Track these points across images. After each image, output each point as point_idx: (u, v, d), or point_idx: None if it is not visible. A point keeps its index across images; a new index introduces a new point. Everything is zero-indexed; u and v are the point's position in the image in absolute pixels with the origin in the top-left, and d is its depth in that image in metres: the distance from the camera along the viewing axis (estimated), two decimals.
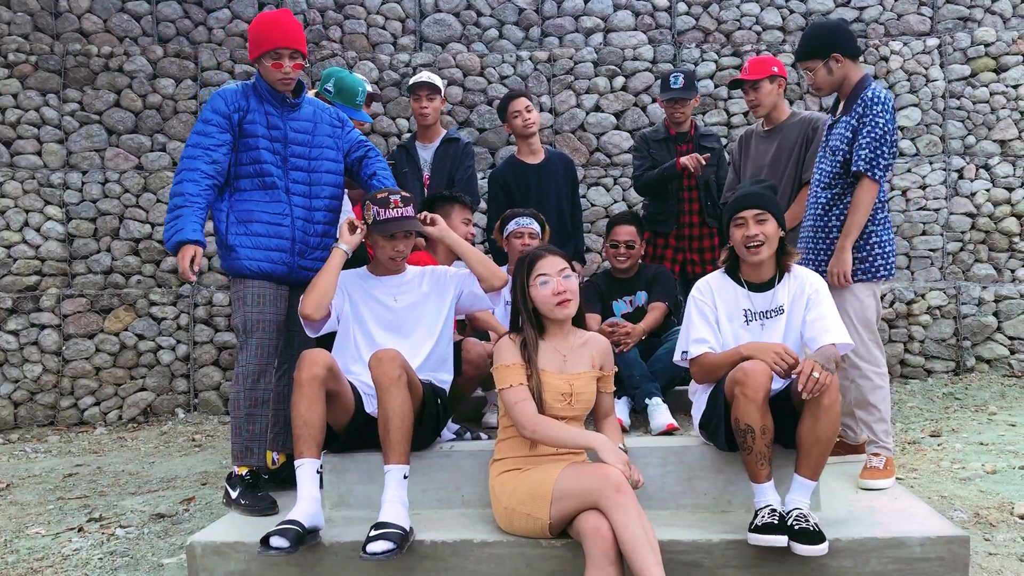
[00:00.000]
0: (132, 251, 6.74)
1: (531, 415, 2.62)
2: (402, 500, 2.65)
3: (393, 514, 2.59)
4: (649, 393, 3.59)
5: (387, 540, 2.48)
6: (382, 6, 7.45)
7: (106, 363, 6.41)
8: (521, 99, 4.39)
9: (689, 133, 4.63)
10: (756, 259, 2.87)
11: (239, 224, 3.23)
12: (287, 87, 3.25)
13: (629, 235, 4.15)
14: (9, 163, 6.77)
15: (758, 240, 2.84)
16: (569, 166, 4.61)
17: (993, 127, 7.00)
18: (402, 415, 2.70)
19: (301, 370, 2.71)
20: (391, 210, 3.03)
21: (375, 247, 3.14)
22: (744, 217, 2.86)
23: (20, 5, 7.12)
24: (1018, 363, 6.54)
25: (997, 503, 3.46)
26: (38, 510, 3.96)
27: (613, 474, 2.43)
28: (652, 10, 7.45)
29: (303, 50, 3.27)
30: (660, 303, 4.06)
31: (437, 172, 4.47)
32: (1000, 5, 7.33)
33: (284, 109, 3.30)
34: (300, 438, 2.69)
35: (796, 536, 2.49)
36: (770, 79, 4.03)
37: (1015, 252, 6.90)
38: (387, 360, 2.75)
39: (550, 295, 2.70)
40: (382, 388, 2.72)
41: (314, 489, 2.66)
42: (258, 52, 3.22)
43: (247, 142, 3.22)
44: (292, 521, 2.55)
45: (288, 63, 3.20)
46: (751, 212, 2.85)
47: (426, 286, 3.18)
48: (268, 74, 3.24)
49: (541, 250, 2.80)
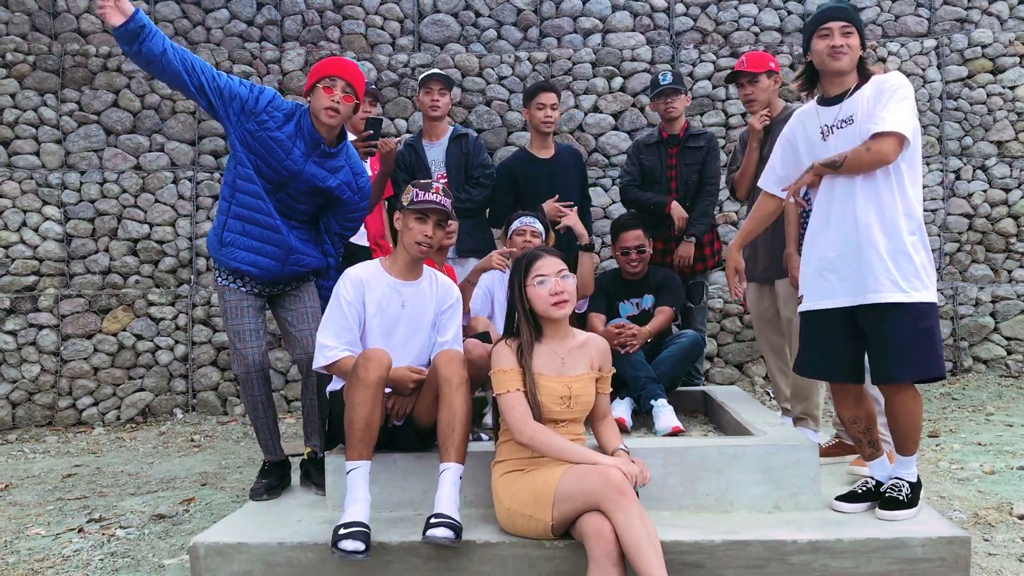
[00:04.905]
0: (130, 251, 6.73)
1: (527, 422, 2.62)
2: (455, 500, 2.67)
3: (448, 508, 2.61)
4: (654, 395, 3.60)
5: (448, 528, 2.53)
6: (380, 6, 7.45)
7: (104, 363, 6.40)
8: (550, 93, 4.39)
9: (679, 136, 4.59)
10: (837, 65, 2.82)
11: (237, 222, 3.26)
12: (331, 119, 3.18)
13: (638, 239, 4.15)
14: (7, 163, 6.76)
15: (843, 50, 2.80)
16: (579, 159, 4.63)
17: (990, 128, 7.02)
18: (468, 415, 2.75)
19: (368, 370, 2.68)
20: (431, 194, 2.99)
21: (404, 232, 3.04)
22: (830, 28, 2.82)
23: (18, 5, 7.11)
24: (1015, 363, 6.57)
25: (996, 503, 3.47)
26: (38, 511, 3.95)
27: (614, 476, 2.44)
28: (650, 11, 7.46)
29: (359, 89, 3.25)
30: (667, 307, 4.07)
31: (453, 169, 4.47)
32: (997, 7, 7.35)
33: (313, 152, 3.25)
34: (360, 440, 2.69)
35: (883, 503, 2.80)
36: (767, 74, 4.02)
37: (1012, 253, 6.92)
38: (457, 360, 2.79)
39: (547, 295, 2.70)
40: (452, 385, 2.74)
41: (367, 492, 2.70)
42: (314, 79, 3.20)
43: (259, 149, 3.20)
44: (359, 523, 2.57)
45: (339, 93, 3.17)
46: (837, 24, 2.81)
47: (430, 300, 3.11)
48: (317, 101, 3.18)
49: (539, 250, 2.79)
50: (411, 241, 3.02)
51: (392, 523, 2.85)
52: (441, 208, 3.00)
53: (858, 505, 2.87)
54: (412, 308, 3.06)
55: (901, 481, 2.84)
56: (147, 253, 6.73)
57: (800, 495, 2.90)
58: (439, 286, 3.15)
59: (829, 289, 2.86)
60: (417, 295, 3.08)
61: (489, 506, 2.84)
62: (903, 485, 2.83)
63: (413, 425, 3.00)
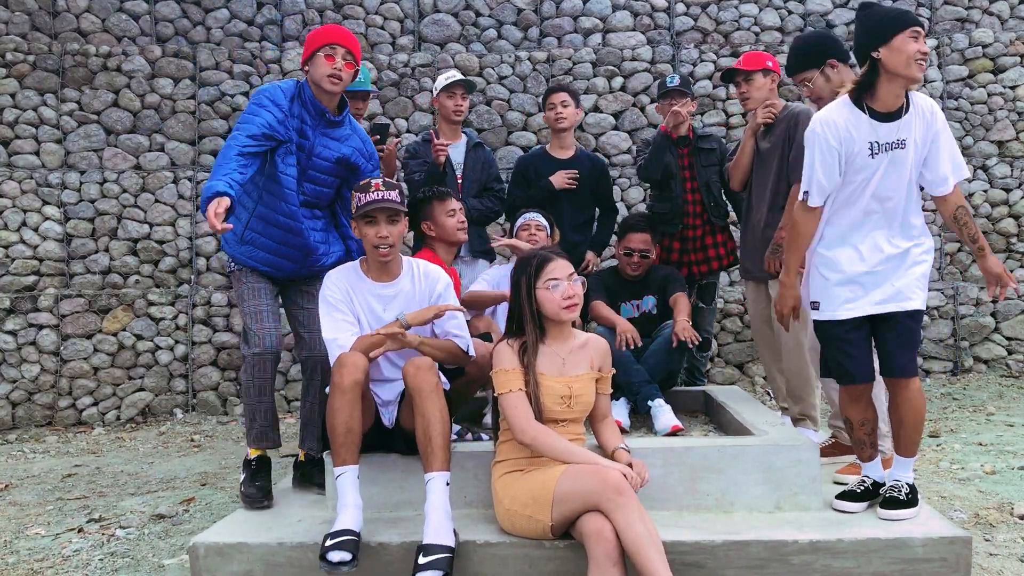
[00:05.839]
0: (130, 251, 6.73)
1: (529, 422, 2.61)
2: (447, 510, 2.61)
3: (438, 533, 2.53)
4: (650, 395, 3.59)
5: (435, 569, 2.42)
6: (381, 6, 7.45)
7: (104, 363, 6.39)
8: (559, 93, 4.48)
9: (688, 136, 4.62)
10: (920, 75, 2.71)
11: (260, 222, 3.22)
12: (334, 87, 3.15)
13: (644, 243, 4.15)
14: (7, 163, 6.76)
15: (925, 59, 2.72)
16: (596, 165, 4.64)
17: (991, 128, 7.02)
18: (443, 420, 2.69)
19: (343, 376, 2.66)
20: (371, 193, 2.90)
21: (363, 240, 3.00)
22: (919, 32, 2.69)
23: (18, 4, 7.11)
24: (1016, 363, 6.56)
25: (997, 503, 3.47)
26: (37, 511, 3.95)
27: (613, 476, 2.43)
28: (651, 11, 7.46)
29: (357, 56, 3.22)
30: (680, 293, 4.10)
31: (471, 175, 4.51)
32: (998, 6, 7.35)
33: (319, 123, 3.23)
34: (343, 445, 2.67)
35: (884, 503, 2.81)
36: (763, 72, 3.99)
37: (1013, 253, 6.92)
38: (425, 367, 2.73)
39: (560, 299, 2.69)
40: (422, 395, 2.69)
41: (357, 496, 2.67)
42: (313, 48, 3.15)
43: (288, 147, 3.17)
44: (346, 531, 2.53)
45: (340, 61, 3.13)
46: (921, 30, 2.70)
47: (417, 294, 3.05)
48: (318, 70, 3.14)
49: (549, 253, 2.76)
50: (369, 247, 2.96)
51: (392, 523, 2.84)
52: (385, 204, 2.89)
53: (859, 504, 2.88)
54: (395, 309, 2.99)
55: (900, 482, 2.86)
56: (147, 253, 6.73)
57: (801, 495, 2.89)
58: (422, 276, 3.07)
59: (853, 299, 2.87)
60: (399, 295, 3.02)
61: (489, 506, 2.84)
62: (902, 485, 2.84)
63: (402, 430, 2.98)
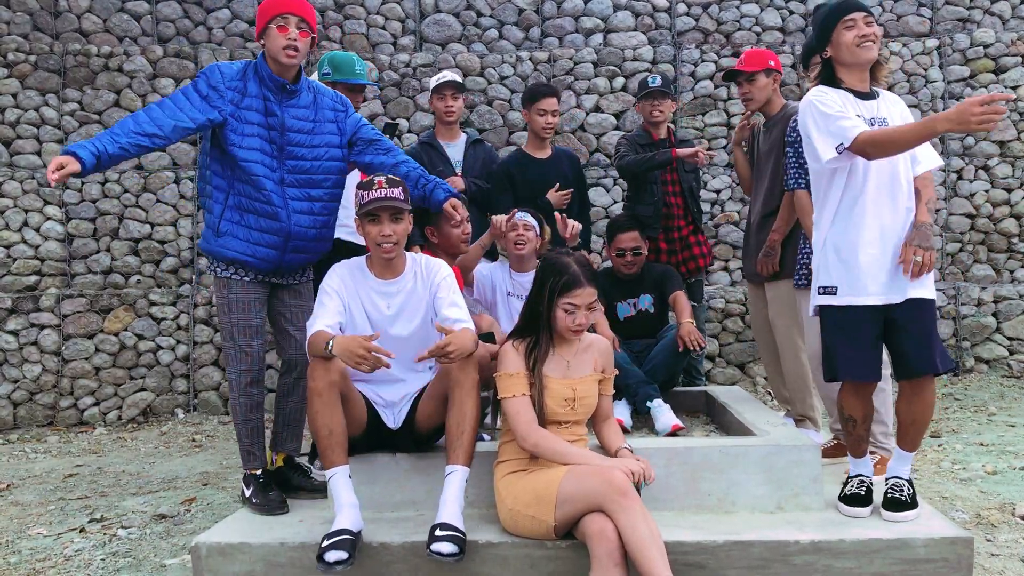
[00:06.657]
0: (132, 251, 6.73)
1: (531, 428, 2.62)
2: (461, 504, 2.64)
3: (453, 516, 2.58)
4: (649, 396, 3.60)
5: (452, 543, 2.48)
6: (382, 6, 7.45)
7: (105, 363, 6.40)
8: (551, 99, 4.42)
9: (669, 140, 4.64)
10: (869, 55, 2.79)
11: (235, 211, 3.15)
12: (291, 59, 3.09)
13: (634, 241, 4.15)
14: (8, 163, 6.76)
15: (872, 38, 2.79)
16: (575, 164, 4.63)
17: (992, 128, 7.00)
18: (476, 418, 2.72)
19: (316, 378, 2.65)
20: (374, 191, 2.87)
21: (366, 238, 2.97)
22: (854, 19, 2.80)
23: (19, 5, 7.12)
24: (1017, 364, 6.56)
25: (998, 504, 3.47)
26: (39, 511, 3.95)
27: (616, 477, 2.43)
28: (652, 11, 7.46)
29: (311, 21, 3.15)
30: (678, 292, 4.11)
31: (471, 173, 4.51)
32: (999, 6, 7.35)
33: (283, 96, 3.17)
34: (328, 447, 2.67)
35: (888, 504, 2.77)
36: (766, 72, 3.98)
37: (1014, 253, 6.91)
38: (471, 364, 2.73)
39: (572, 324, 2.68)
40: (463, 389, 2.70)
41: (351, 495, 2.67)
42: (264, 20, 3.09)
43: (243, 128, 3.11)
44: (342, 531, 2.54)
45: (294, 30, 3.07)
46: (860, 14, 2.80)
47: (420, 289, 3.01)
48: (273, 43, 3.08)
49: (582, 274, 2.68)
50: (372, 245, 2.94)
51: (394, 523, 2.84)
52: (388, 202, 2.86)
53: (866, 508, 2.82)
54: (400, 306, 2.97)
55: (901, 480, 2.83)
56: (148, 253, 6.73)
57: (802, 495, 2.89)
58: (425, 270, 3.04)
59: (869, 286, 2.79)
60: (403, 291, 2.99)
61: (491, 506, 2.84)
62: (903, 484, 2.82)
63: (412, 430, 2.96)
